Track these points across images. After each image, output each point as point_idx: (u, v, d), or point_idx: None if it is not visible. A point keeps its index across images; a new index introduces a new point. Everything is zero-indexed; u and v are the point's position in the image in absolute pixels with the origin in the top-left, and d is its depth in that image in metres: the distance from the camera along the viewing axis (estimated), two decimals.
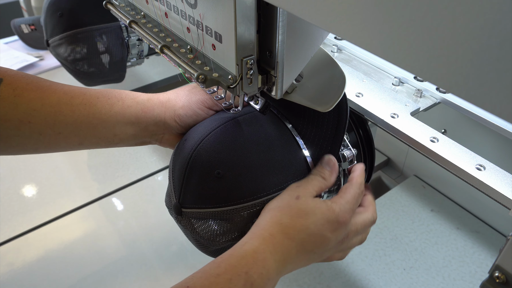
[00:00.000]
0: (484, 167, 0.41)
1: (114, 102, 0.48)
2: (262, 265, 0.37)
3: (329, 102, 0.43)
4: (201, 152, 0.43)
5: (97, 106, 0.47)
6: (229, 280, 0.35)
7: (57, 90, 0.46)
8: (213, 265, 0.37)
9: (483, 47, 0.19)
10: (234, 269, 0.36)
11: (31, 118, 0.44)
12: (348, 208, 0.43)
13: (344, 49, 0.64)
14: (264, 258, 0.38)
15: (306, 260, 0.42)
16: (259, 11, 0.36)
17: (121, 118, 0.48)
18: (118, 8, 0.52)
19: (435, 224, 0.73)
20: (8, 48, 1.21)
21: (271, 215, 0.41)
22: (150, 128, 0.49)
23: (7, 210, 0.78)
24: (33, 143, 0.45)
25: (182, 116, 0.49)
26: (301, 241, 0.40)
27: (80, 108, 0.46)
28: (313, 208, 0.41)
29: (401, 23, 0.22)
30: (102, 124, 0.47)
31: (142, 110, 0.48)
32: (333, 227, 0.41)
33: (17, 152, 0.46)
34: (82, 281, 0.66)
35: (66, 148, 0.48)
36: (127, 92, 0.50)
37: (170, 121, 0.49)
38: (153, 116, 0.49)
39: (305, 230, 0.40)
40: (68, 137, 0.46)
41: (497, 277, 0.31)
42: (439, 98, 0.53)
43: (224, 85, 0.39)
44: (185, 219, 0.44)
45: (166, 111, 0.49)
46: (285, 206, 0.41)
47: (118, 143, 0.49)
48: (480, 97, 0.20)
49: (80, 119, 0.46)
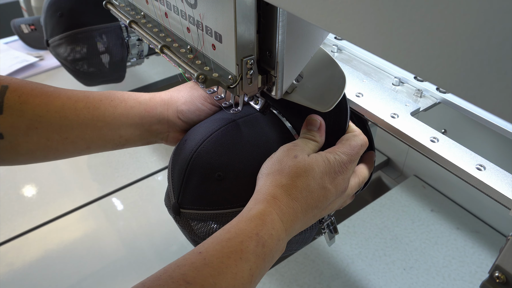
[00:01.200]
0: (484, 167, 0.41)
1: (117, 104, 0.48)
2: (271, 226, 0.38)
3: (329, 102, 0.42)
4: (201, 154, 0.43)
5: (101, 109, 0.47)
6: (240, 243, 0.36)
7: (61, 95, 0.46)
8: (223, 232, 0.37)
9: (483, 47, 0.19)
10: (244, 232, 0.37)
11: (38, 124, 0.44)
12: (344, 158, 0.43)
13: (344, 49, 0.64)
14: (272, 219, 0.38)
15: (312, 216, 0.42)
16: (259, 11, 0.36)
17: (125, 119, 0.48)
18: (118, 8, 0.52)
19: (435, 224, 0.73)
20: (8, 48, 1.21)
21: (271, 179, 0.41)
22: (154, 127, 0.50)
23: (7, 210, 0.78)
24: (41, 150, 0.46)
25: (185, 112, 0.49)
26: (305, 199, 0.40)
27: (84, 111, 0.46)
28: (310, 164, 0.41)
29: (401, 23, 0.22)
30: (107, 126, 0.47)
31: (145, 109, 0.49)
32: (331, 177, 0.42)
33: (27, 160, 0.47)
34: (82, 281, 0.66)
35: (74, 153, 0.48)
36: (129, 93, 0.50)
37: (173, 118, 0.49)
38: (156, 115, 0.49)
39: (306, 188, 0.40)
40: (75, 141, 0.47)
41: (497, 277, 0.31)
42: (439, 98, 0.53)
43: (224, 85, 0.39)
44: (183, 220, 0.45)
45: (168, 109, 0.49)
46: (284, 168, 0.41)
47: (125, 144, 0.50)
48: (480, 97, 0.20)
49: (85, 122, 0.46)
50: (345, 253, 0.68)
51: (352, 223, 0.74)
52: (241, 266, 0.35)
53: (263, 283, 0.65)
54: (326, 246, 0.70)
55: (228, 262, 0.34)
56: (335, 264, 0.67)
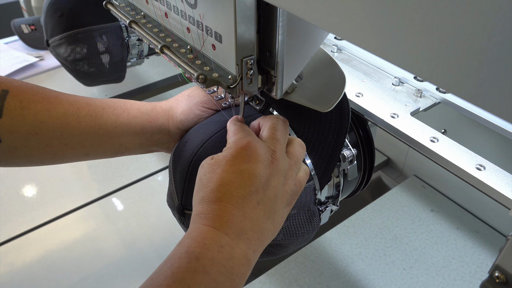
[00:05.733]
0: (484, 167, 0.41)
1: (120, 113, 0.48)
2: (201, 237, 0.34)
3: (329, 102, 0.42)
4: (202, 156, 0.43)
5: (103, 117, 0.47)
6: (170, 266, 0.33)
7: (63, 101, 0.46)
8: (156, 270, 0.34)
9: (483, 47, 0.19)
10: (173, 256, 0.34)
11: (39, 130, 0.44)
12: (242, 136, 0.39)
13: (344, 49, 0.64)
14: (200, 232, 0.34)
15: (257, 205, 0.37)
16: (259, 11, 0.36)
17: (126, 129, 0.48)
18: (118, 8, 0.52)
19: (435, 224, 0.73)
20: (8, 48, 1.21)
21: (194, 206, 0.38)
22: (155, 137, 0.50)
23: (7, 210, 0.78)
24: (39, 155, 0.45)
25: (183, 121, 0.49)
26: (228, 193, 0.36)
27: (86, 119, 0.46)
28: (217, 158, 0.38)
29: (401, 23, 0.22)
30: (108, 134, 0.47)
31: (147, 120, 0.49)
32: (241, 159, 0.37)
33: (23, 163, 0.46)
34: (82, 281, 0.66)
35: (72, 159, 0.48)
36: (132, 102, 0.50)
37: (173, 128, 0.50)
38: (158, 126, 0.49)
39: (220, 183, 0.36)
40: (75, 148, 0.46)
41: (497, 277, 0.31)
42: (439, 98, 0.53)
43: (224, 85, 0.38)
44: (187, 220, 0.45)
45: (169, 120, 0.50)
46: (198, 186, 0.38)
47: (124, 152, 0.50)
48: (480, 97, 0.20)
49: (86, 130, 0.46)
50: (345, 253, 0.68)
51: (352, 223, 0.74)
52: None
53: (263, 283, 0.65)
54: (326, 246, 0.70)
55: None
56: (335, 264, 0.67)
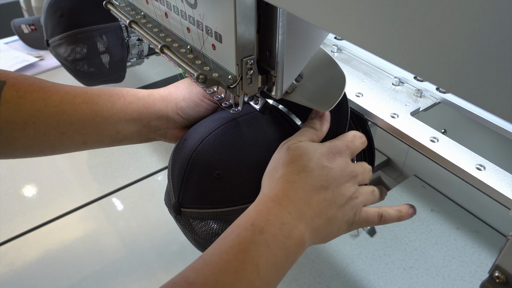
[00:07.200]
0: (484, 167, 0.41)
1: (116, 100, 0.48)
2: (267, 212, 0.37)
3: (329, 102, 0.43)
4: (201, 152, 0.43)
5: (99, 104, 0.47)
6: (237, 236, 0.35)
7: (59, 90, 0.46)
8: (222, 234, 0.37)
9: (483, 47, 0.19)
10: (239, 226, 0.36)
11: (35, 119, 0.44)
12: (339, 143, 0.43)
13: (344, 49, 0.64)
14: (267, 207, 0.37)
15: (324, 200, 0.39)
16: (259, 11, 0.36)
17: (123, 115, 0.48)
18: (118, 8, 0.52)
19: (435, 224, 0.73)
20: (8, 48, 1.21)
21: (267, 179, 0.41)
22: (153, 124, 0.50)
23: (7, 210, 0.78)
24: (38, 144, 0.46)
25: (184, 108, 0.49)
26: (304, 179, 0.39)
27: (82, 106, 0.46)
28: (303, 147, 0.41)
29: (401, 23, 0.22)
30: (105, 121, 0.47)
31: (144, 105, 0.49)
32: (329, 158, 0.41)
33: (23, 154, 0.47)
34: (82, 281, 0.66)
35: (71, 148, 0.48)
36: (128, 89, 0.50)
37: (172, 114, 0.49)
38: (155, 111, 0.49)
39: (303, 169, 0.39)
40: (72, 136, 0.47)
41: (497, 277, 0.31)
42: (439, 98, 0.53)
43: (224, 85, 0.39)
44: (184, 219, 0.45)
45: (168, 105, 0.49)
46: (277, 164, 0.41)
47: (122, 140, 0.49)
48: (480, 97, 0.20)
49: (83, 117, 0.46)
50: (345, 253, 0.68)
51: None
52: (241, 258, 0.34)
53: None
54: (326, 246, 0.70)
55: (227, 257, 0.34)
56: (335, 264, 0.67)
